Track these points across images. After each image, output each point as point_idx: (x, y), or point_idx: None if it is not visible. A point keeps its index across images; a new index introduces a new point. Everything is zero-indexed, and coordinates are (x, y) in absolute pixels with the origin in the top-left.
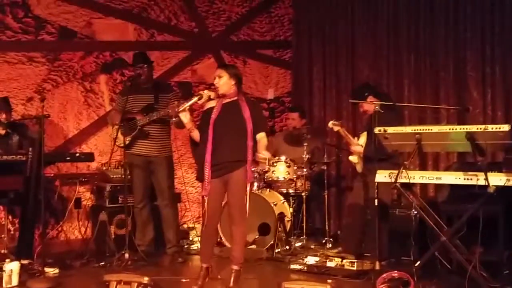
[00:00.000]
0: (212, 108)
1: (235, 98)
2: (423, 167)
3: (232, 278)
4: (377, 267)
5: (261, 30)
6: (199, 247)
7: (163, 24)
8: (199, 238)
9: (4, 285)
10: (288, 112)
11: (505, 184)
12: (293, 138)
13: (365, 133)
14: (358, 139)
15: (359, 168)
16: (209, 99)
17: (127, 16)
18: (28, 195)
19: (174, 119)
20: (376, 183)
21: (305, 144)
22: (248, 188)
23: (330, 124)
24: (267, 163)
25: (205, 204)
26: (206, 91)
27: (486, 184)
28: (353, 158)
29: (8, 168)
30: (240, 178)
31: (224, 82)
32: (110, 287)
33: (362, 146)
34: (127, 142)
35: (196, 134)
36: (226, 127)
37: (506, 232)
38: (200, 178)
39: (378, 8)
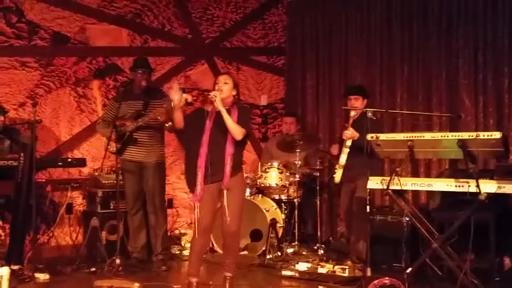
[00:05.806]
0: (199, 112)
1: (228, 107)
2: (415, 174)
3: (227, 286)
4: (369, 273)
5: (254, 36)
6: (189, 258)
7: (156, 30)
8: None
9: None
10: (285, 117)
11: (496, 192)
12: (286, 144)
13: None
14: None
15: (338, 177)
16: (186, 102)
17: (120, 22)
18: (19, 200)
19: (166, 125)
20: (368, 190)
21: (298, 150)
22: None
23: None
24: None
25: (197, 212)
26: (185, 95)
27: (478, 191)
28: (339, 166)
29: None
30: (236, 186)
31: (228, 89)
32: None
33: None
34: (115, 149)
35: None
36: (219, 136)
37: (497, 239)
38: (190, 187)
39: (371, 15)
